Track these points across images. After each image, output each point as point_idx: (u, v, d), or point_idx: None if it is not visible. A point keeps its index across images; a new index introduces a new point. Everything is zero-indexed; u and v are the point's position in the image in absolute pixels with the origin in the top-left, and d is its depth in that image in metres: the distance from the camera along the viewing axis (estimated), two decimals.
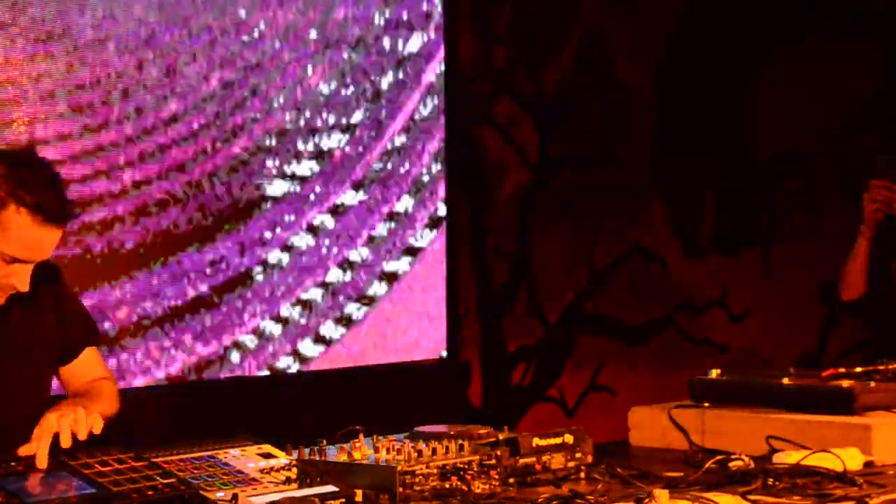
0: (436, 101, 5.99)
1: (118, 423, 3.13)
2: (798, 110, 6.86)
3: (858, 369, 3.44)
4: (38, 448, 2.65)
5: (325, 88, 5.68)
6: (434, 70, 5.98)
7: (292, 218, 5.64)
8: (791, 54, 6.87)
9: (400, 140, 5.91)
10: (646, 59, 6.64)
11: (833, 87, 6.82)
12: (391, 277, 5.89)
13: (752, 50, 6.81)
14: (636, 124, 6.66)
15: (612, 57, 6.57)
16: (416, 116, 5.96)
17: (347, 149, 5.77)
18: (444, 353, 6.00)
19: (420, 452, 2.77)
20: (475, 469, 2.79)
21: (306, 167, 5.65)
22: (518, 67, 6.35)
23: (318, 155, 5.70)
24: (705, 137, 6.78)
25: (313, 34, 5.63)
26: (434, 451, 2.78)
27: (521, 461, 2.89)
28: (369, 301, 5.82)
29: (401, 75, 5.90)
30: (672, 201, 6.76)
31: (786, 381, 3.40)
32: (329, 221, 5.73)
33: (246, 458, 2.78)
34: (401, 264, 5.91)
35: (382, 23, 5.83)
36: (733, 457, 2.99)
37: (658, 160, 6.71)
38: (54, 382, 3.16)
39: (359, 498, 2.65)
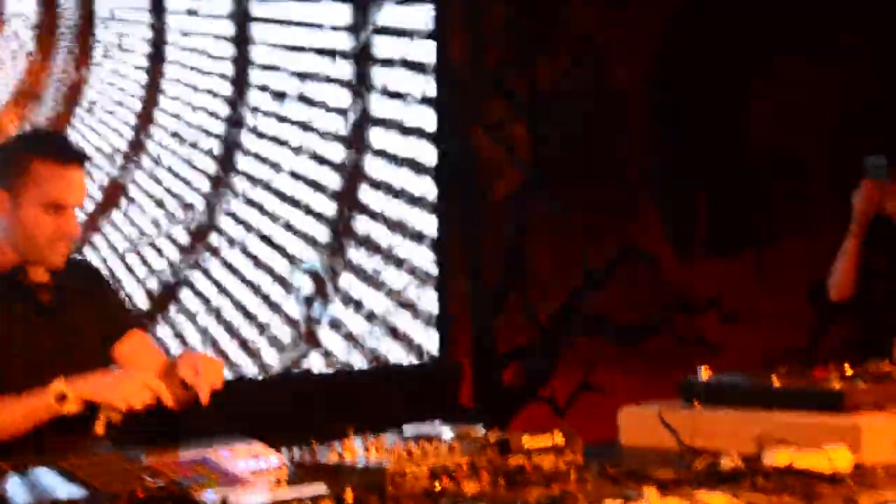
0: (428, 100, 5.99)
1: (111, 424, 3.13)
2: (791, 111, 6.86)
3: (848, 369, 3.44)
4: (203, 389, 3.06)
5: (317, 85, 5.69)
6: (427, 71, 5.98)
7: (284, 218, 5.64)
8: (784, 55, 6.88)
9: (393, 138, 5.91)
10: (639, 59, 6.65)
11: (825, 88, 6.83)
12: (384, 275, 5.89)
13: (746, 51, 6.82)
14: (629, 125, 6.67)
15: (604, 57, 6.58)
16: (409, 115, 5.96)
17: (340, 147, 5.77)
18: (436, 354, 6.00)
19: (410, 453, 2.77)
20: (466, 469, 2.79)
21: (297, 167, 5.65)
22: (511, 68, 6.35)
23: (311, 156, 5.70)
24: (698, 138, 6.78)
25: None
26: (424, 452, 2.78)
27: (512, 462, 2.89)
28: (361, 300, 5.82)
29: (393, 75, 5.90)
30: (665, 202, 6.77)
31: (776, 381, 3.40)
32: (322, 220, 5.73)
33: (236, 458, 2.78)
34: (393, 263, 5.91)
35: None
36: (723, 456, 3.00)
37: (651, 161, 6.71)
38: None
39: (349, 498, 2.65)
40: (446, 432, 2.98)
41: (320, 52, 5.75)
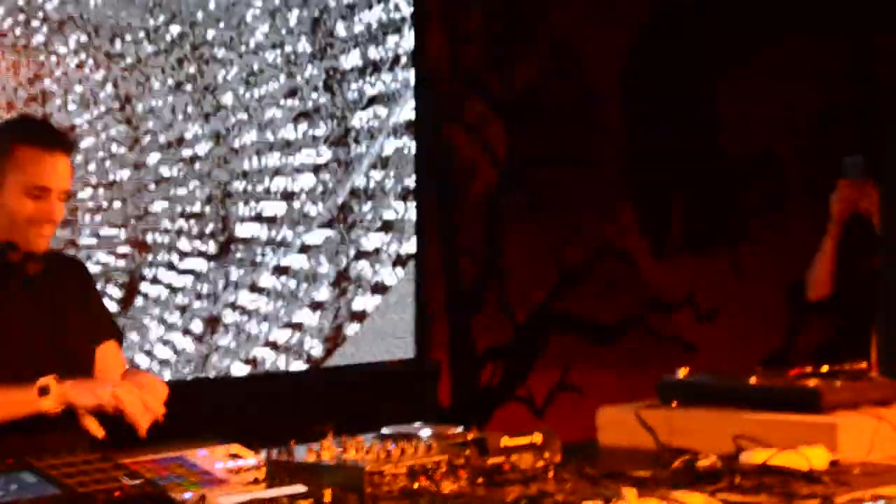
0: (406, 100, 5.98)
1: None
2: (768, 112, 6.88)
3: (825, 368, 3.46)
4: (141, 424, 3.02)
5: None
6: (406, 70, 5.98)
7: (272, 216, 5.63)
8: (759, 55, 6.90)
9: (373, 135, 5.91)
10: (615, 59, 6.66)
11: (801, 88, 6.85)
12: (360, 274, 5.89)
13: (723, 52, 6.84)
14: (606, 124, 6.68)
15: (581, 57, 6.59)
16: (388, 113, 5.95)
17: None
18: (414, 353, 5.99)
19: (388, 452, 2.76)
20: (444, 469, 2.78)
21: (280, 159, 5.64)
22: (488, 67, 6.35)
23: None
24: (675, 138, 6.80)
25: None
26: (403, 451, 2.77)
27: (490, 461, 2.89)
28: (337, 299, 5.82)
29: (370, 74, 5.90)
30: (642, 201, 6.78)
31: (753, 380, 3.41)
32: (305, 219, 5.72)
33: (214, 458, 2.77)
34: (371, 261, 5.90)
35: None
36: (701, 456, 3.00)
37: (627, 160, 6.73)
38: None
39: (327, 498, 2.65)
40: (424, 432, 2.98)
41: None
